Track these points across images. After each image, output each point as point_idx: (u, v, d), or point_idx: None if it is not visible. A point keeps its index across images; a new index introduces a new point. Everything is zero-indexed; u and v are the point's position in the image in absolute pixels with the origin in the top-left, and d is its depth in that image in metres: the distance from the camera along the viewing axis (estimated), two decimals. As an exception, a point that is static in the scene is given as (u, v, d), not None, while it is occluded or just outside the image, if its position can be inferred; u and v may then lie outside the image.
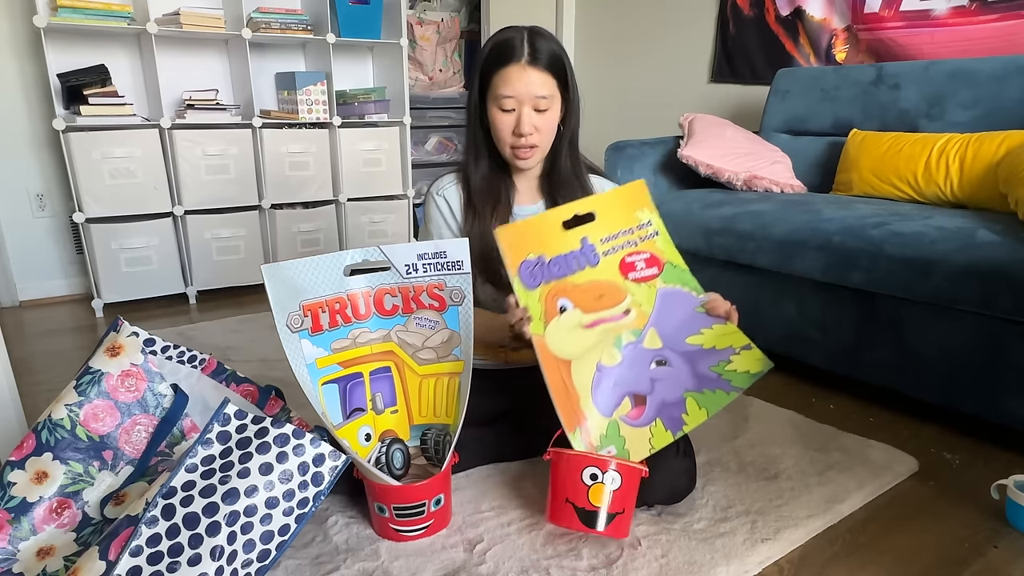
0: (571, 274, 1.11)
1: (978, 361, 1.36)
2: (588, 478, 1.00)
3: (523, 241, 1.09)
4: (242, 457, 0.88)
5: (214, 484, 0.86)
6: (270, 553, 0.89)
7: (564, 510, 1.01)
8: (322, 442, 0.93)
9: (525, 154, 1.19)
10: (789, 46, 2.49)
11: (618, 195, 1.15)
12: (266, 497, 0.88)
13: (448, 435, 1.13)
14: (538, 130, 1.17)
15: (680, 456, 1.11)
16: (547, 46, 1.15)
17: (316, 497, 0.93)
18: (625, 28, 3.10)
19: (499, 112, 1.17)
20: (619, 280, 1.13)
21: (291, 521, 0.90)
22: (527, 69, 1.13)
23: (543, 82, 1.14)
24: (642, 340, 1.14)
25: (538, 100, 1.15)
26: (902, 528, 1.13)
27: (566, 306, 1.11)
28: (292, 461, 0.90)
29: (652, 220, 1.14)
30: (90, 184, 2.25)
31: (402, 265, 1.10)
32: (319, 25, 2.65)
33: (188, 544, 0.82)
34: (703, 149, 2.10)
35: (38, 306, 2.46)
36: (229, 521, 0.84)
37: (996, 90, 1.82)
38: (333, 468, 0.94)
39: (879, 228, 1.50)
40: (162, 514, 0.83)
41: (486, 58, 1.18)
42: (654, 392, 1.12)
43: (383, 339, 1.14)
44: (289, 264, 1.03)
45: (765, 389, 1.69)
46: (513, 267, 1.07)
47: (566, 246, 1.11)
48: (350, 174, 2.77)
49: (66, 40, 2.35)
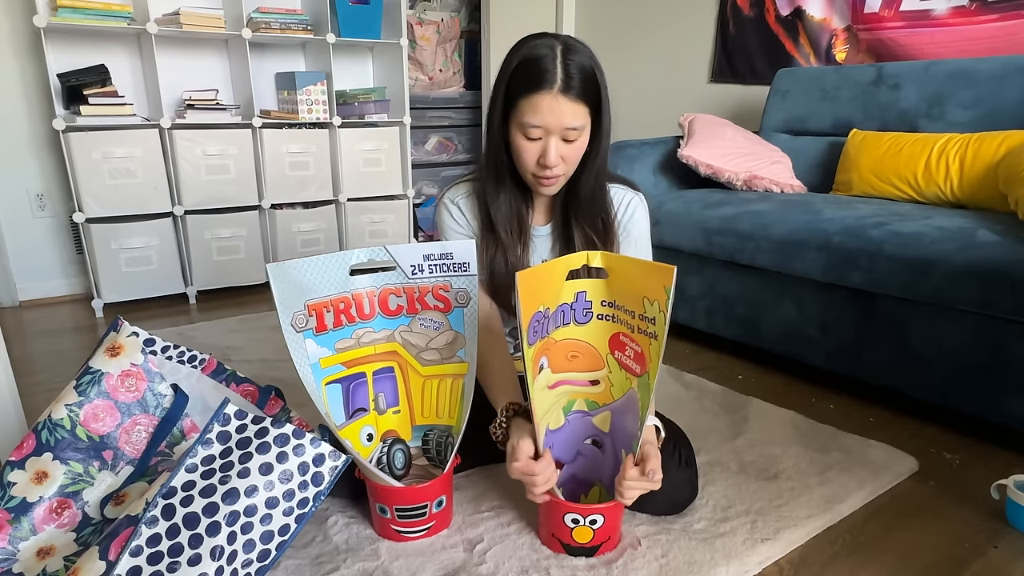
0: (555, 330, 1.03)
1: (978, 361, 1.36)
2: (570, 522, 1.00)
3: (540, 289, 0.97)
4: (242, 457, 0.88)
5: (214, 484, 0.86)
6: (270, 553, 0.89)
7: (552, 542, 1.04)
8: (322, 442, 0.93)
9: (548, 183, 1.09)
10: (789, 46, 2.49)
11: (640, 269, 0.98)
12: (266, 497, 0.88)
13: (451, 436, 1.13)
14: (564, 160, 1.07)
15: (682, 467, 1.10)
16: (582, 69, 1.02)
17: (316, 497, 0.93)
18: (625, 28, 3.09)
19: (524, 140, 1.06)
20: (603, 350, 1.05)
21: (291, 521, 0.90)
22: (559, 99, 1.01)
23: (576, 113, 1.03)
24: (593, 415, 1.08)
25: (568, 132, 1.04)
26: (902, 528, 1.13)
27: (543, 365, 1.04)
28: (292, 461, 0.90)
29: (656, 320, 0.96)
30: (90, 184, 2.25)
31: (408, 266, 1.10)
32: (319, 25, 2.65)
33: (188, 544, 0.82)
34: (703, 149, 2.10)
35: (38, 306, 2.46)
36: (229, 521, 0.84)
37: (996, 90, 1.82)
38: (333, 468, 0.94)
39: (879, 228, 1.50)
40: (162, 514, 0.83)
41: (513, 76, 1.04)
42: (573, 463, 1.10)
43: (387, 339, 1.14)
44: (295, 263, 1.03)
45: (765, 389, 1.69)
46: (526, 320, 0.95)
47: (562, 298, 1.03)
48: (350, 174, 2.77)
49: (66, 40, 2.35)
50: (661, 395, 1.60)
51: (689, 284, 1.94)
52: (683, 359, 1.90)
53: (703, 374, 1.77)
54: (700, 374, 1.77)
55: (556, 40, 1.03)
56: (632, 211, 1.20)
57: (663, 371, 1.78)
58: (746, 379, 1.77)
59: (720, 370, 1.82)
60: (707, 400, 1.61)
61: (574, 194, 1.16)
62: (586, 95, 1.03)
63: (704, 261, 1.88)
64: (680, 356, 1.93)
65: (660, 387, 1.68)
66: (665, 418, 1.20)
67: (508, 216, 1.17)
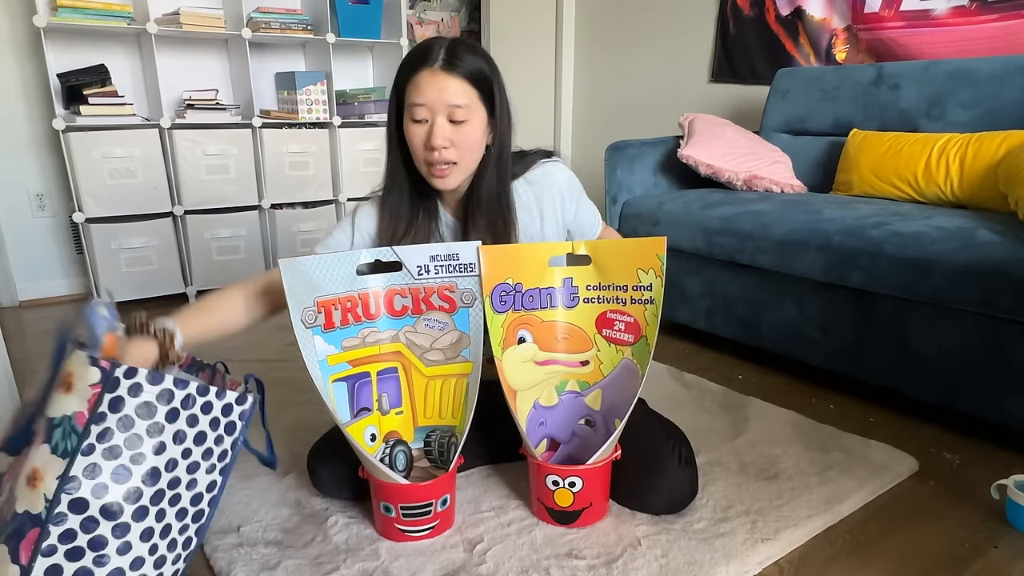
0: (540, 309, 1.13)
1: (978, 361, 1.36)
2: (551, 483, 1.06)
3: (504, 264, 1.09)
4: (150, 429, 0.82)
5: (126, 466, 0.80)
6: (204, 512, 0.89)
7: (538, 508, 1.11)
8: (227, 392, 0.91)
9: (441, 172, 1.08)
10: (789, 46, 2.49)
11: (630, 246, 1.09)
12: (187, 464, 0.86)
13: (454, 436, 1.13)
14: (455, 144, 1.05)
15: (682, 465, 1.10)
16: (469, 54, 1.04)
17: (233, 445, 0.92)
18: (625, 28, 3.09)
19: (411, 124, 1.06)
20: (590, 331, 1.14)
21: (215, 476, 0.90)
22: (438, 74, 1.03)
23: (458, 89, 1.03)
24: (585, 395, 1.16)
25: (453, 109, 1.03)
26: (902, 528, 1.13)
27: (525, 338, 1.13)
28: (203, 421, 0.88)
29: (653, 286, 1.07)
30: (90, 184, 2.25)
31: (414, 266, 1.10)
32: (319, 25, 2.65)
33: (112, 534, 0.79)
34: (703, 149, 2.10)
35: (38, 306, 2.46)
36: (154, 500, 0.82)
37: (996, 90, 1.82)
38: (243, 412, 0.92)
39: (879, 228, 1.50)
40: (70, 509, 0.78)
41: (400, 66, 1.08)
42: (569, 444, 1.17)
43: (392, 339, 1.14)
44: (305, 260, 1.03)
45: (765, 389, 1.69)
46: (487, 287, 1.09)
47: (545, 281, 1.12)
48: (350, 174, 2.77)
49: (66, 40, 2.35)
50: (661, 395, 1.60)
51: (689, 284, 1.94)
52: (683, 359, 1.90)
53: (703, 374, 1.77)
54: (700, 374, 1.77)
55: (448, 38, 1.08)
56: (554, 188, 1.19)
57: (663, 371, 1.78)
58: (746, 379, 1.77)
59: (720, 370, 1.82)
60: (707, 400, 1.61)
61: (474, 194, 1.15)
62: (471, 77, 1.04)
63: (704, 261, 1.88)
64: (680, 356, 1.93)
65: (660, 387, 1.68)
66: (664, 418, 1.21)
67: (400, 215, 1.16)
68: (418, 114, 1.05)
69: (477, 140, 1.08)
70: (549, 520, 1.10)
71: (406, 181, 1.15)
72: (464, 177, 1.12)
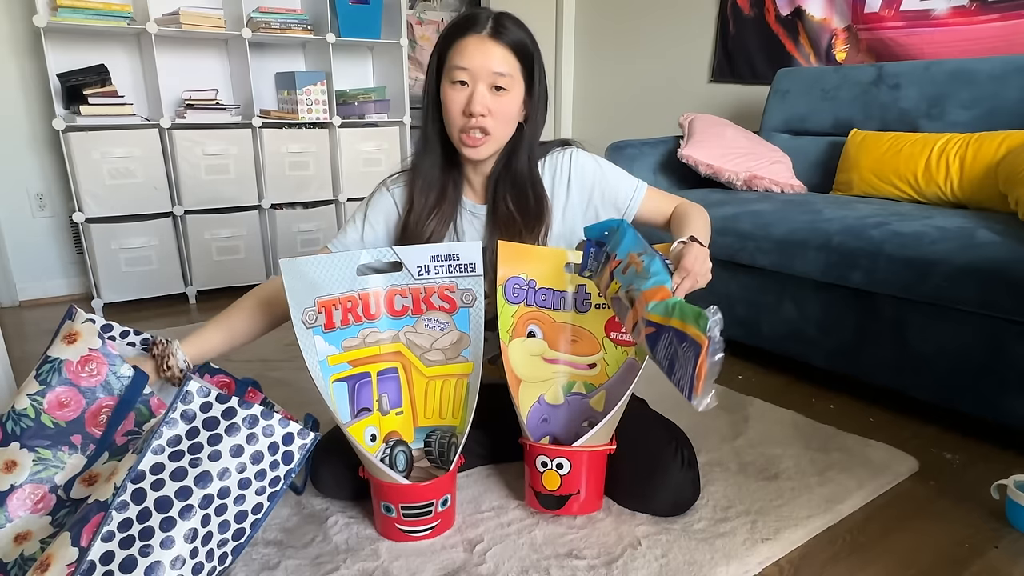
0: (553, 310, 1.15)
1: (978, 361, 1.36)
2: (540, 465, 1.07)
3: (520, 261, 1.12)
4: (211, 439, 0.89)
5: (184, 467, 0.87)
6: (244, 531, 0.91)
7: (529, 496, 1.12)
8: (290, 422, 0.95)
9: (475, 140, 1.07)
10: (789, 46, 2.50)
11: None
12: (239, 479, 0.89)
13: (454, 436, 1.13)
14: (492, 113, 1.05)
15: (684, 467, 1.10)
16: (515, 28, 1.05)
17: (287, 475, 0.95)
18: (625, 28, 3.09)
19: (450, 88, 1.05)
20: (599, 334, 1.15)
21: (264, 500, 0.92)
22: (485, 40, 1.03)
23: (503, 58, 1.04)
24: (590, 397, 1.16)
25: (496, 77, 1.03)
26: (902, 528, 1.13)
27: (535, 333, 1.15)
28: (262, 442, 0.92)
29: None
30: (90, 184, 2.25)
31: (414, 266, 1.10)
32: (319, 25, 2.65)
33: (160, 527, 0.83)
34: (703, 149, 2.10)
35: (38, 306, 2.46)
36: (203, 504, 0.86)
37: (996, 90, 1.82)
38: (302, 446, 0.96)
39: (879, 228, 1.50)
40: (132, 498, 0.84)
41: (444, 32, 1.07)
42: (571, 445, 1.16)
43: (392, 340, 1.14)
44: (306, 260, 1.04)
45: (765, 389, 1.69)
46: (502, 279, 1.12)
47: (560, 284, 1.14)
48: (350, 174, 2.77)
49: (66, 40, 2.34)
50: (661, 395, 1.59)
51: (689, 284, 1.94)
52: (683, 359, 1.90)
53: (703, 374, 1.77)
54: (700, 374, 1.77)
55: (495, 10, 1.08)
56: (577, 167, 1.18)
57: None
58: (746, 379, 1.77)
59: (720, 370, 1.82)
60: (707, 400, 1.61)
61: (508, 172, 1.15)
62: (516, 48, 1.05)
63: (704, 261, 1.88)
64: (680, 356, 1.92)
65: (660, 387, 1.67)
66: (667, 419, 1.21)
67: (431, 184, 1.15)
68: (459, 76, 1.04)
69: (513, 113, 1.09)
70: (537, 506, 1.10)
71: (439, 151, 1.15)
72: (495, 149, 1.11)
